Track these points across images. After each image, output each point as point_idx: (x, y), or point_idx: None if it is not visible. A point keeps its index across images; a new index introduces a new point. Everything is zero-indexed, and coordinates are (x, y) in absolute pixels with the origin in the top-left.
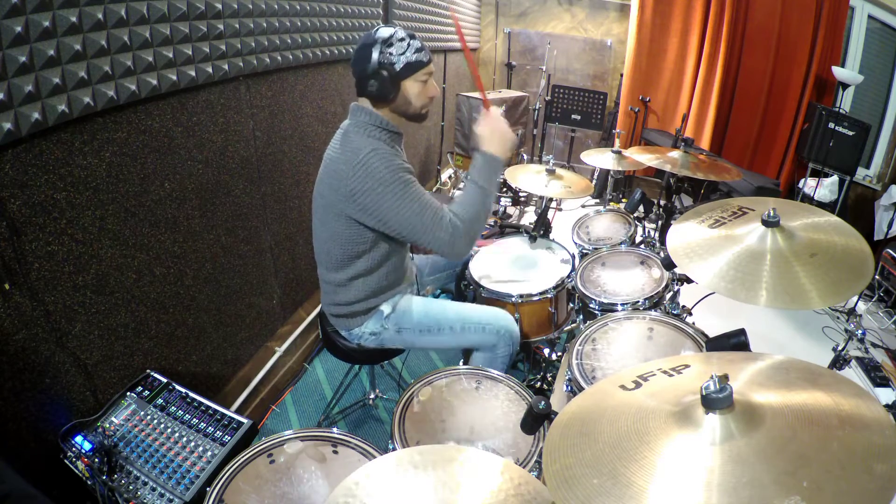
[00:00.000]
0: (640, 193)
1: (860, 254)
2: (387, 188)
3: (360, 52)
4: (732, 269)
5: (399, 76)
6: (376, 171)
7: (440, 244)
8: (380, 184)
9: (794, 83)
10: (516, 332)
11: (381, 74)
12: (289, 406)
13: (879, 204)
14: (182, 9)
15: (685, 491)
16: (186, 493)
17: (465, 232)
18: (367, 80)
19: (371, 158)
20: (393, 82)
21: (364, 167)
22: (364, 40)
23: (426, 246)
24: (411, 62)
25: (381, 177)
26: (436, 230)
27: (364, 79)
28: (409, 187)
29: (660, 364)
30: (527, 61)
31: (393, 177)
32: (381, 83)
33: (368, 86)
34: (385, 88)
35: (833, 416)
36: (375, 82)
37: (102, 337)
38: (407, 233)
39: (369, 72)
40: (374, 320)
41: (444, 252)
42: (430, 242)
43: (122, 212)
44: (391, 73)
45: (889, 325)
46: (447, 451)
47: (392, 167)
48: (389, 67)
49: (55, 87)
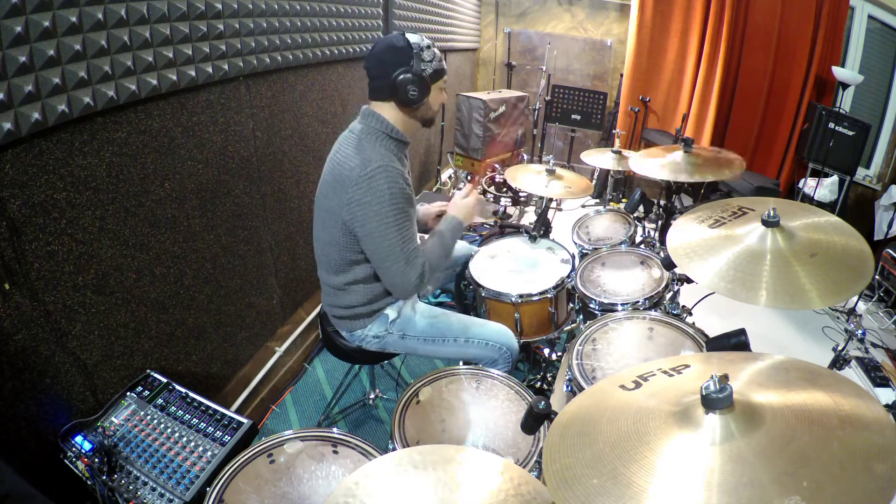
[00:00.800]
0: (640, 193)
1: (860, 254)
2: (382, 208)
3: (389, 56)
4: (732, 269)
5: (430, 82)
6: (378, 189)
7: (403, 281)
8: (378, 202)
9: (794, 83)
10: (517, 349)
11: (420, 80)
12: (289, 406)
13: (879, 204)
14: (182, 9)
15: (685, 491)
16: (186, 493)
17: (429, 277)
18: (403, 86)
19: (378, 174)
20: (428, 89)
21: (369, 181)
22: (391, 45)
23: (388, 278)
24: (438, 70)
25: (381, 196)
26: (406, 267)
27: (397, 84)
28: (400, 218)
29: (660, 364)
30: (527, 61)
31: (392, 201)
32: (420, 89)
33: (407, 91)
34: (422, 94)
35: (833, 416)
36: (415, 89)
37: (102, 337)
38: (379, 258)
39: (409, 78)
40: (378, 324)
41: (402, 288)
42: (395, 275)
43: (122, 212)
44: (426, 79)
45: (889, 325)
46: (447, 451)
47: (394, 190)
48: (425, 75)
49: (55, 87)
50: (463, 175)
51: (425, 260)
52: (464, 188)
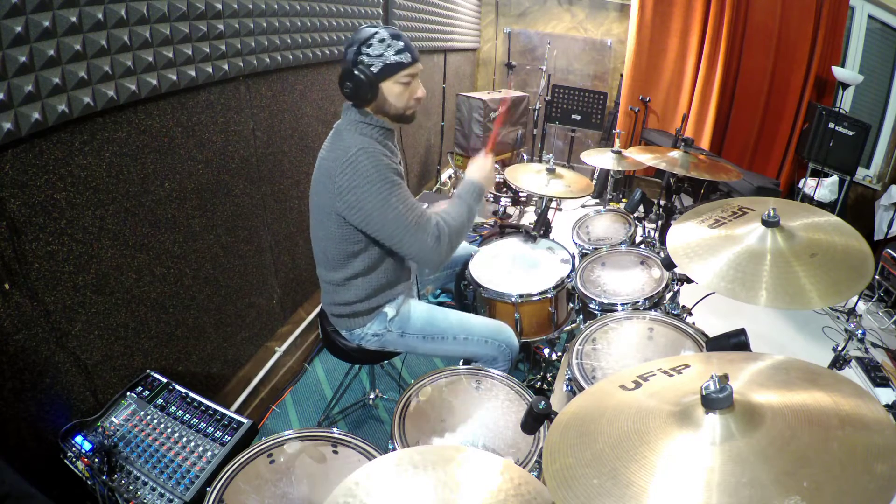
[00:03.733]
0: (640, 193)
1: (860, 254)
2: (373, 186)
3: (344, 53)
4: (732, 270)
5: (377, 78)
6: (363, 169)
7: (422, 247)
8: (366, 181)
9: (794, 83)
10: (517, 347)
11: (355, 76)
12: (289, 406)
13: (879, 204)
14: (182, 9)
15: (685, 491)
16: (186, 493)
17: (450, 238)
18: (342, 82)
19: (359, 156)
20: (371, 84)
21: (352, 165)
22: (347, 41)
23: (407, 250)
24: (390, 63)
25: (368, 175)
26: (419, 233)
27: (341, 80)
28: (394, 188)
29: (660, 364)
30: (527, 61)
31: (379, 176)
32: (355, 84)
33: (344, 87)
34: (361, 90)
35: (833, 416)
36: (350, 84)
37: (102, 337)
38: (389, 234)
39: (345, 73)
40: (377, 322)
41: (425, 256)
42: (412, 245)
43: (122, 212)
44: (367, 74)
45: (889, 325)
46: (447, 451)
47: (380, 166)
48: (365, 69)
49: (55, 87)
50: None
51: (439, 220)
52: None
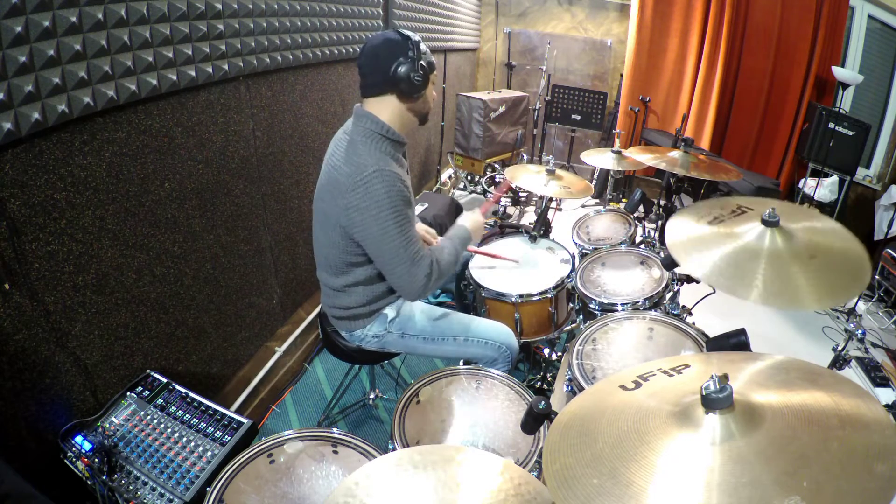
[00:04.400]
0: (640, 193)
1: (857, 258)
2: (381, 212)
3: (385, 49)
4: (728, 264)
5: (429, 72)
6: (376, 194)
7: (412, 281)
8: (375, 206)
9: (794, 83)
10: (516, 348)
11: (421, 69)
12: (289, 406)
13: (879, 204)
14: (182, 9)
15: (685, 491)
16: (186, 493)
17: (437, 277)
18: (406, 75)
19: (374, 179)
20: (427, 79)
21: (365, 186)
22: (386, 38)
23: (396, 280)
24: (432, 63)
25: (379, 200)
26: (412, 267)
27: (398, 75)
28: (399, 219)
29: (660, 364)
30: (527, 61)
31: (389, 203)
32: (423, 79)
33: (411, 79)
34: (424, 83)
35: (833, 416)
36: (418, 76)
37: (102, 337)
38: (384, 261)
39: (411, 66)
40: (377, 323)
41: (411, 289)
42: (402, 277)
43: (122, 212)
44: (425, 68)
45: (889, 325)
46: (447, 451)
47: (391, 193)
48: (423, 66)
49: (55, 87)
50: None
51: (433, 259)
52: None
